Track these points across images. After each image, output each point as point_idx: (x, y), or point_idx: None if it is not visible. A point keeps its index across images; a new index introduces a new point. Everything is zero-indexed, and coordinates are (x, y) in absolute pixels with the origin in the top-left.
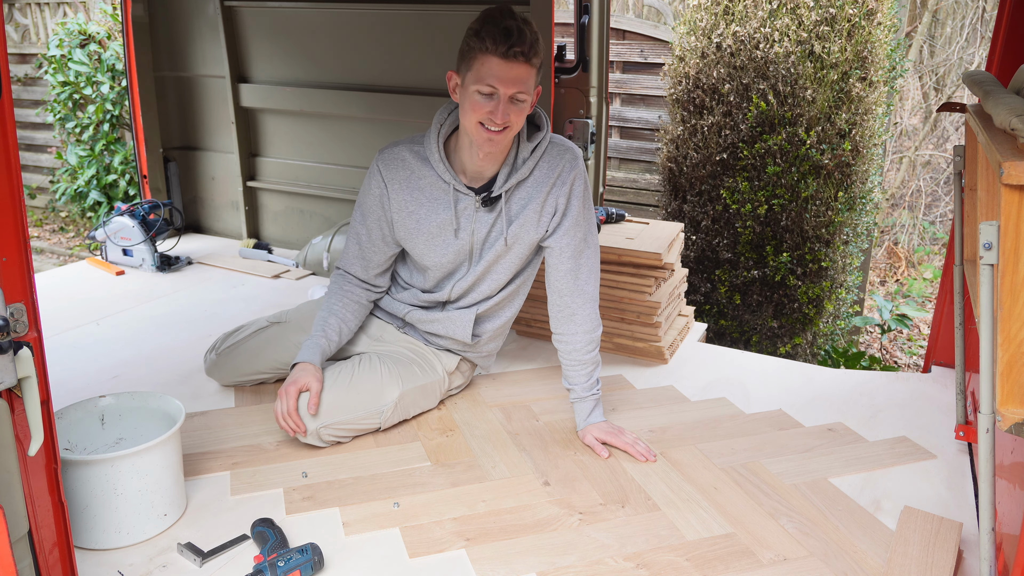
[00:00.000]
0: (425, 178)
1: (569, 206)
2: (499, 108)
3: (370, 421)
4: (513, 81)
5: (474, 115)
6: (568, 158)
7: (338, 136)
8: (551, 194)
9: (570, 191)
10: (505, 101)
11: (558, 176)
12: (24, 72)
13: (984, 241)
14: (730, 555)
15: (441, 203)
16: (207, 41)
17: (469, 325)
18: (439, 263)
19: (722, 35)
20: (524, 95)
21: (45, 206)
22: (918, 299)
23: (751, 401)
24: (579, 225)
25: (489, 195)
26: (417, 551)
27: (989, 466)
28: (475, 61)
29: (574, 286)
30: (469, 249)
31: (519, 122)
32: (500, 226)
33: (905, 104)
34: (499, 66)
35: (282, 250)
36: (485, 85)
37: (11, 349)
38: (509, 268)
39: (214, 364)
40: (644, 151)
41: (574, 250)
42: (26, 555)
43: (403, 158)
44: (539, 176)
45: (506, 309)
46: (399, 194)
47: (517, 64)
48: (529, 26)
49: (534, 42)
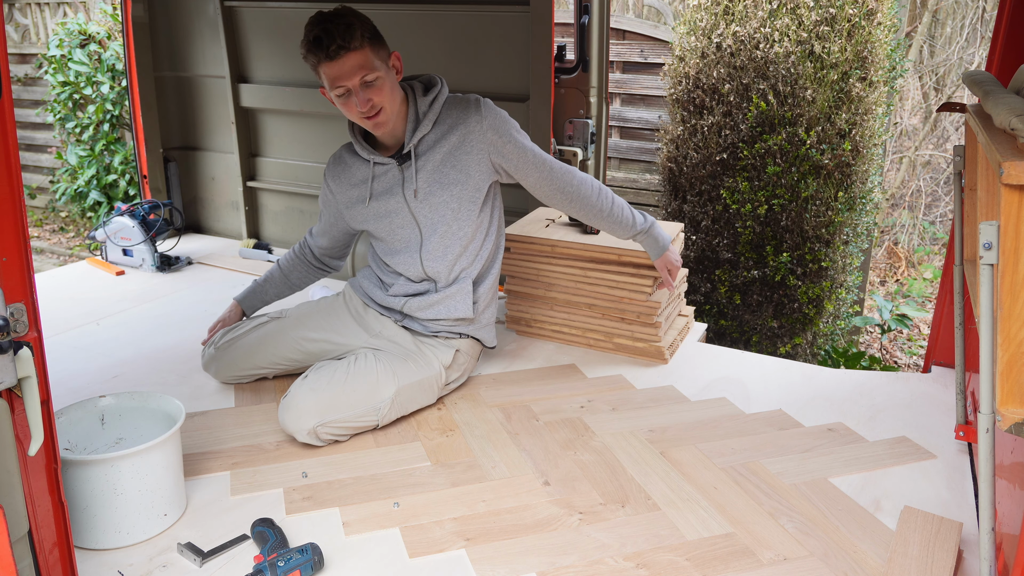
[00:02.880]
0: (353, 165)
1: (507, 149)
2: (359, 98)
3: (367, 419)
4: (351, 72)
5: (351, 114)
6: (472, 102)
7: (338, 136)
8: (466, 142)
9: (499, 136)
10: (358, 91)
11: (467, 124)
12: (24, 72)
13: (984, 241)
14: (730, 555)
15: (366, 181)
16: (207, 41)
17: (469, 297)
18: (388, 231)
19: (722, 35)
20: (371, 74)
21: (45, 206)
22: (918, 299)
23: (751, 401)
24: (530, 154)
25: (401, 155)
26: (417, 551)
27: (989, 466)
28: (319, 73)
29: (570, 199)
30: (407, 209)
31: (387, 98)
32: (422, 179)
33: (905, 104)
34: (331, 67)
35: (282, 250)
36: (336, 88)
37: (11, 349)
38: (467, 221)
39: (212, 358)
40: (644, 151)
41: (543, 176)
42: (26, 555)
43: (339, 155)
44: (448, 123)
45: (492, 267)
46: (339, 187)
47: (343, 58)
48: (337, 18)
49: (347, 28)
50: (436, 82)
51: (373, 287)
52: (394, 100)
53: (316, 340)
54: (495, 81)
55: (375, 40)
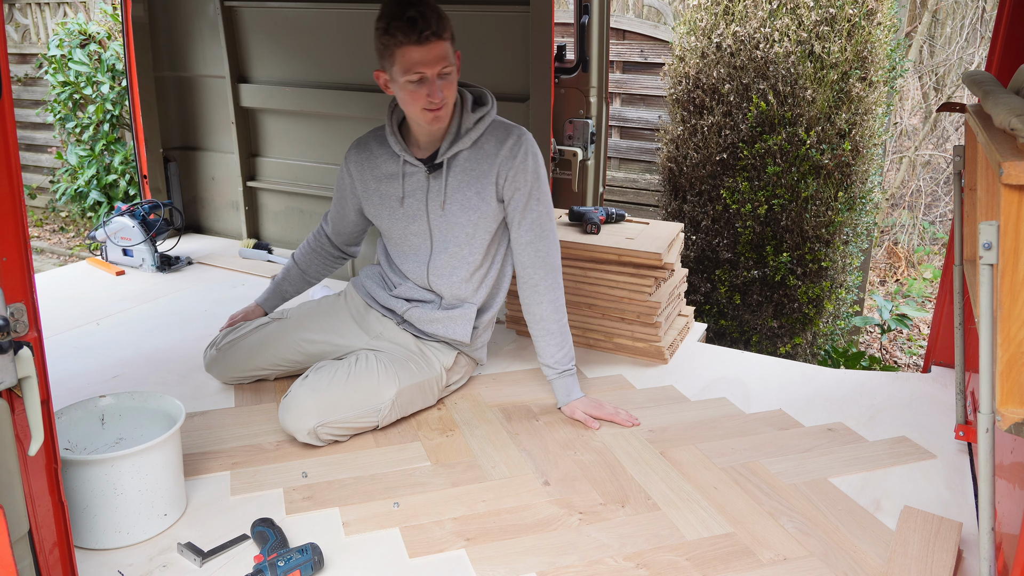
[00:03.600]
0: (381, 156)
1: (519, 183)
2: (433, 89)
3: (368, 419)
4: (435, 61)
5: (415, 104)
6: (515, 134)
7: (338, 136)
8: (501, 169)
9: (519, 168)
10: (435, 81)
11: (507, 152)
12: (24, 72)
13: (984, 241)
14: (730, 555)
15: (395, 177)
16: (207, 41)
17: (469, 324)
18: (401, 234)
19: (722, 35)
20: (448, 67)
21: (45, 206)
22: (918, 299)
23: (751, 401)
24: (536, 201)
25: (434, 163)
26: (417, 551)
27: (989, 466)
28: (395, 55)
29: (535, 258)
30: (426, 219)
31: (452, 93)
32: (448, 192)
33: (905, 104)
34: (417, 52)
35: (282, 250)
36: (413, 74)
37: (11, 349)
38: (478, 246)
39: (213, 360)
40: (644, 151)
41: (532, 225)
42: (26, 555)
43: (365, 142)
44: (486, 149)
45: (496, 298)
46: (361, 174)
47: (432, 45)
48: (428, 5)
49: (439, 18)
50: (487, 101)
51: (376, 287)
52: (453, 98)
53: (316, 341)
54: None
55: (453, 36)
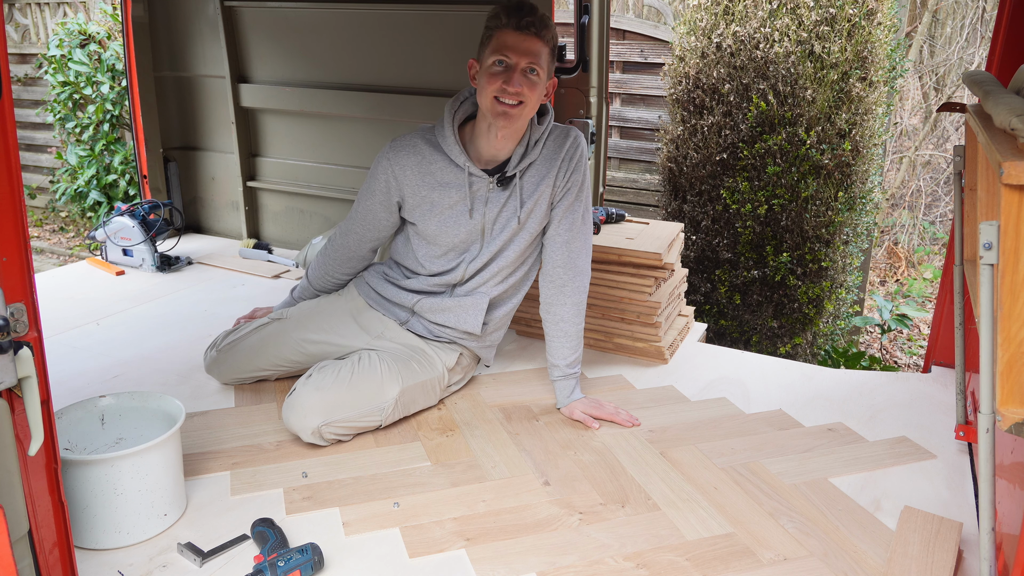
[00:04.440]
0: (436, 163)
1: (572, 183)
2: (513, 77)
3: (371, 418)
4: (526, 52)
5: (490, 88)
6: (572, 136)
7: (338, 136)
8: (560, 171)
9: (574, 169)
10: (518, 72)
11: (564, 154)
12: (24, 72)
13: (984, 241)
14: (730, 555)
15: (453, 187)
16: (207, 41)
17: (481, 314)
18: (452, 242)
19: (722, 35)
20: (537, 69)
21: (45, 206)
22: (918, 299)
23: (751, 401)
24: (580, 200)
25: (504, 175)
26: (417, 551)
27: (989, 466)
28: (492, 39)
29: (567, 259)
30: (481, 228)
31: (532, 99)
32: (513, 205)
33: (905, 104)
34: (512, 36)
35: (282, 250)
36: (500, 55)
37: (11, 349)
38: (519, 248)
39: (214, 361)
40: (644, 151)
41: (571, 223)
42: (26, 555)
43: (414, 144)
44: (547, 155)
45: (514, 295)
46: (411, 179)
47: (529, 36)
48: (539, 12)
49: (546, 21)
50: (547, 109)
51: (383, 283)
52: (532, 110)
53: (317, 342)
54: None
55: (553, 53)
